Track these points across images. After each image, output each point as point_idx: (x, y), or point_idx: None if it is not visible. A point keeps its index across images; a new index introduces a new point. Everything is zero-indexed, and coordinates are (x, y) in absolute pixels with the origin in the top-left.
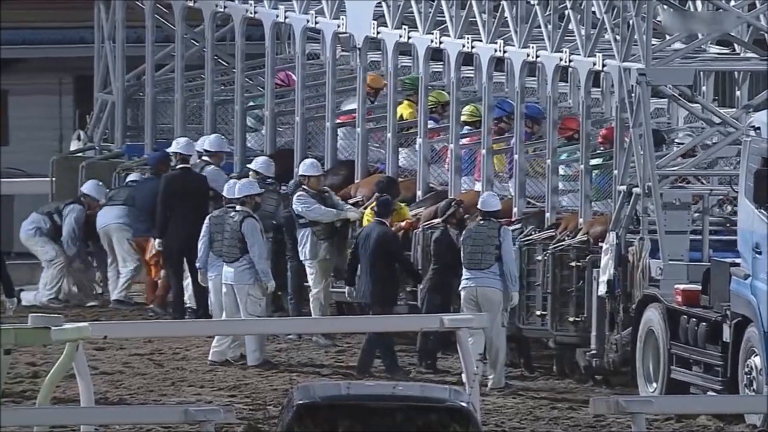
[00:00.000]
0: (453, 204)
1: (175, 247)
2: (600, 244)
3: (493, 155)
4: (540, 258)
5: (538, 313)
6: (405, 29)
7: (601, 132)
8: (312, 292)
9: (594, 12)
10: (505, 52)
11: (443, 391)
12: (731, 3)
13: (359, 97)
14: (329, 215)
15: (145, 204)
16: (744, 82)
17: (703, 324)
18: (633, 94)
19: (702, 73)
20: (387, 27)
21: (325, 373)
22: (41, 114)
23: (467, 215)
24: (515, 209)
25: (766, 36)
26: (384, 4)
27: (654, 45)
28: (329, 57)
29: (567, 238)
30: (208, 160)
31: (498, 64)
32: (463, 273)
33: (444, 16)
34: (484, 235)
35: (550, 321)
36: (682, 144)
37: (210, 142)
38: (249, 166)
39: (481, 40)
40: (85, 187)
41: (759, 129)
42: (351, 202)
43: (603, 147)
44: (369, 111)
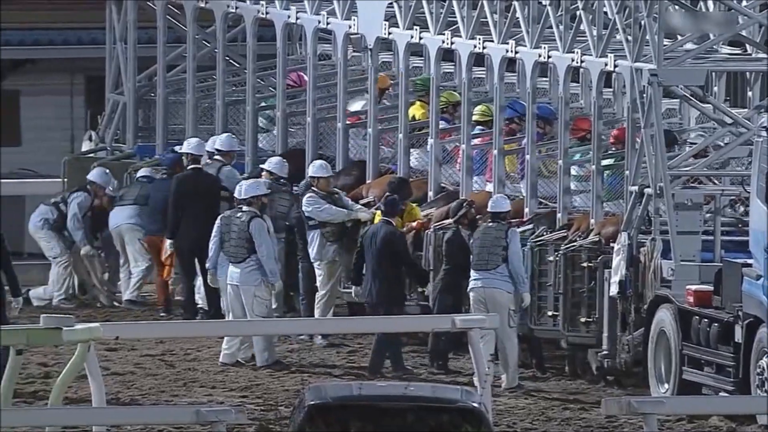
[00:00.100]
0: (465, 205)
1: (186, 247)
2: (612, 244)
3: (505, 156)
4: (551, 259)
5: (550, 313)
6: (416, 30)
7: (613, 132)
8: (319, 294)
9: (606, 12)
10: (516, 53)
11: (455, 391)
12: (743, 3)
13: (371, 97)
14: (340, 215)
15: (159, 204)
16: (756, 82)
17: (715, 325)
18: (645, 95)
19: (714, 73)
20: (398, 27)
21: (336, 373)
22: (53, 115)
23: (479, 216)
24: (527, 210)
25: None
26: (395, 5)
27: (666, 45)
28: (341, 58)
29: (579, 239)
30: (221, 160)
31: (509, 64)
32: (472, 274)
33: (455, 17)
34: (492, 236)
35: (562, 322)
36: (694, 144)
37: (221, 142)
38: (262, 166)
39: (492, 41)
40: (91, 174)
41: None
42: (362, 202)
43: (614, 147)
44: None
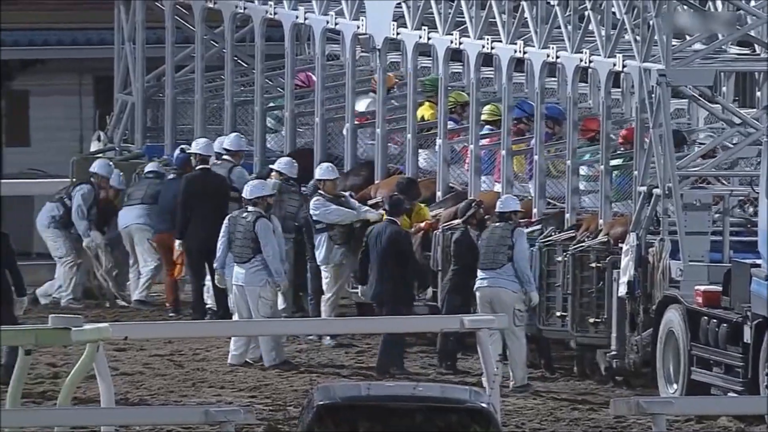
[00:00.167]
0: (473, 205)
1: (195, 247)
2: (620, 245)
3: (513, 156)
4: (560, 259)
5: (559, 314)
6: (425, 30)
7: (621, 133)
8: (324, 296)
9: (614, 12)
10: (525, 53)
11: (463, 391)
12: (751, 3)
13: (379, 97)
14: (349, 216)
15: (169, 204)
16: (765, 82)
17: (724, 325)
18: (653, 95)
19: (722, 73)
20: (407, 28)
21: (345, 373)
22: (62, 115)
23: (487, 216)
24: (535, 210)
25: None
26: (404, 5)
27: (674, 46)
28: (349, 58)
29: (587, 239)
30: (229, 160)
31: (518, 64)
32: (478, 274)
33: (464, 17)
34: (498, 236)
35: (571, 322)
36: (702, 145)
37: (230, 142)
38: (272, 166)
39: (501, 41)
40: (93, 166)
41: None
42: (371, 203)
43: (623, 148)
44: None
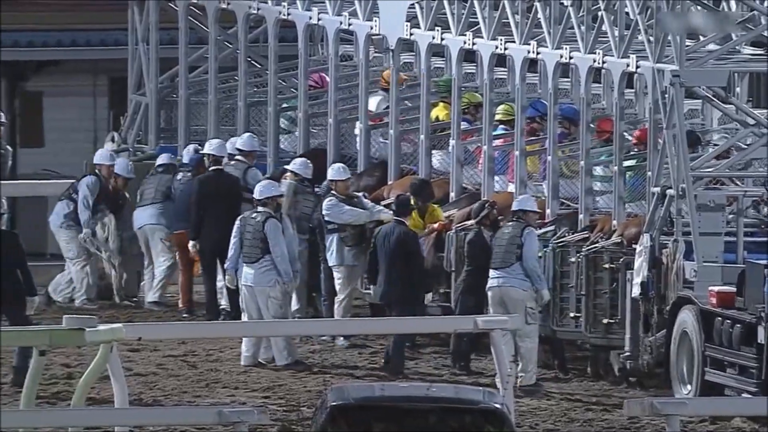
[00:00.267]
0: (487, 206)
1: (208, 248)
2: (634, 245)
3: (527, 156)
4: (573, 260)
5: (572, 315)
6: (438, 31)
7: (635, 133)
8: (338, 298)
9: (627, 13)
10: (538, 54)
11: (477, 392)
12: (765, 4)
13: (392, 97)
14: (362, 216)
15: (186, 205)
16: None
17: (738, 326)
18: (667, 96)
19: (736, 74)
20: (420, 28)
21: (358, 374)
22: (76, 116)
23: (501, 216)
24: (548, 211)
25: None
26: (417, 6)
27: (688, 46)
28: (362, 58)
29: (601, 240)
30: (242, 160)
31: (531, 65)
32: (490, 273)
33: (477, 18)
34: (508, 236)
35: (584, 323)
36: (716, 145)
37: (242, 142)
38: (287, 167)
39: (514, 42)
40: (95, 157)
41: None
42: (384, 204)
43: (637, 148)
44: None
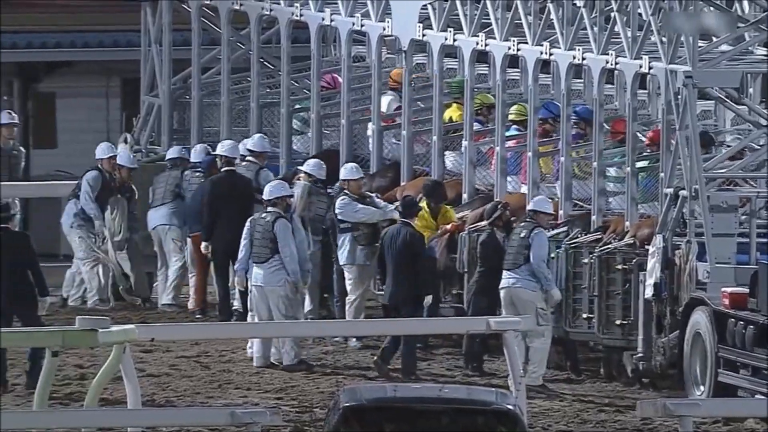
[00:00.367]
0: (499, 207)
1: (221, 249)
2: (647, 247)
3: (539, 158)
4: (586, 261)
5: (585, 316)
6: (450, 32)
7: (648, 134)
8: (349, 298)
9: (640, 14)
10: (551, 55)
11: (490, 393)
12: None
13: (405, 98)
14: (376, 215)
15: (199, 207)
16: None
17: (751, 327)
18: (679, 97)
19: (749, 75)
20: (432, 29)
21: (371, 375)
22: (88, 117)
23: (514, 218)
24: (561, 212)
25: None
26: (429, 7)
27: (701, 47)
28: (375, 60)
29: (614, 241)
30: (254, 161)
31: (544, 66)
32: (503, 274)
33: (489, 19)
34: (519, 236)
35: (597, 324)
36: (729, 146)
37: (254, 143)
38: (300, 168)
39: (527, 43)
40: (96, 152)
41: None
42: (397, 205)
43: (649, 149)
44: (401, 107)
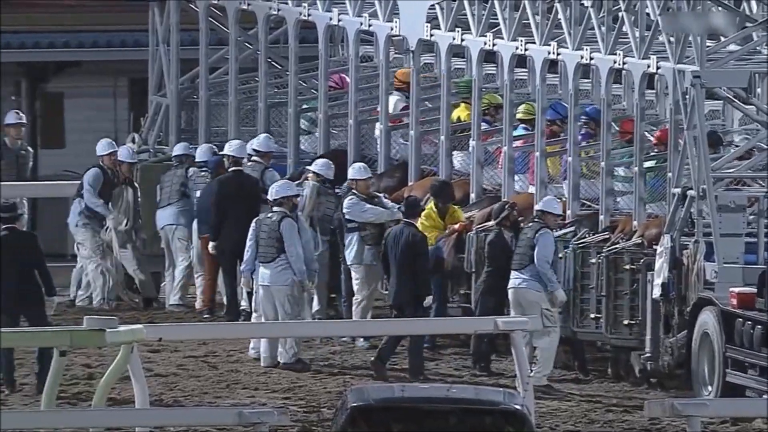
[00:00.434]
0: (507, 207)
1: (228, 249)
2: (654, 246)
3: (547, 158)
4: (594, 261)
5: (592, 316)
6: (458, 31)
7: (655, 134)
8: (356, 298)
9: (648, 14)
10: (558, 55)
11: (497, 393)
12: None
13: (412, 98)
14: (384, 215)
15: (208, 208)
16: None
17: (759, 327)
18: (687, 97)
19: (757, 74)
20: (440, 29)
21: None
22: (96, 117)
23: (521, 218)
24: (569, 212)
25: None
26: (437, 7)
27: (709, 47)
28: (382, 59)
29: (621, 241)
30: (259, 161)
31: (552, 66)
32: (511, 274)
33: (497, 18)
34: (526, 237)
35: (605, 324)
36: (737, 146)
37: (259, 143)
38: (309, 167)
39: (534, 42)
40: (97, 149)
41: None
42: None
43: (657, 149)
44: (407, 107)
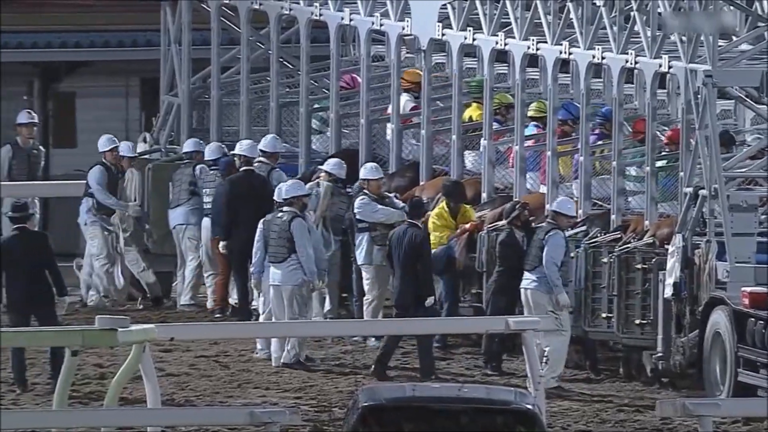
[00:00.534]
0: (517, 206)
1: (238, 248)
2: (666, 246)
3: (558, 158)
4: (606, 260)
5: (604, 315)
6: (470, 31)
7: (666, 133)
8: (366, 298)
9: (660, 13)
10: (570, 54)
11: (509, 393)
12: None
13: (424, 98)
14: (395, 216)
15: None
16: None
17: None
18: (699, 96)
19: None
20: (452, 29)
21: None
22: (108, 116)
23: (533, 217)
24: (580, 211)
25: None
26: (449, 6)
27: (720, 46)
28: (394, 59)
29: (633, 240)
30: (265, 161)
31: (563, 65)
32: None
33: (509, 18)
34: (537, 238)
35: (616, 324)
36: (750, 146)
37: (266, 143)
38: (321, 167)
39: (546, 42)
40: (98, 145)
41: None
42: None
43: (668, 148)
44: (417, 107)
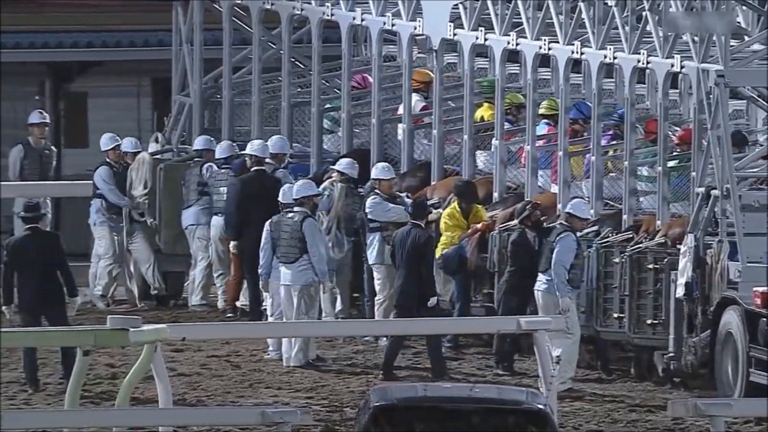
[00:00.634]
0: (528, 206)
1: (249, 248)
2: (678, 246)
3: (570, 157)
4: (617, 260)
5: (616, 315)
6: (481, 31)
7: (678, 133)
8: (378, 298)
9: (666, 13)
10: (582, 54)
11: (520, 393)
12: None
13: (435, 98)
14: (406, 215)
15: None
16: None
17: None
18: (711, 96)
19: None
20: (463, 29)
21: (401, 374)
22: (119, 116)
23: (544, 217)
24: (592, 211)
25: None
26: (460, 6)
27: (732, 46)
28: (406, 59)
29: (645, 240)
30: (271, 162)
31: (575, 65)
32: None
33: (521, 18)
34: (549, 239)
35: (628, 323)
36: (762, 146)
37: (272, 144)
38: (333, 167)
39: (558, 42)
40: (100, 144)
41: None
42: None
43: (679, 148)
44: (426, 107)
